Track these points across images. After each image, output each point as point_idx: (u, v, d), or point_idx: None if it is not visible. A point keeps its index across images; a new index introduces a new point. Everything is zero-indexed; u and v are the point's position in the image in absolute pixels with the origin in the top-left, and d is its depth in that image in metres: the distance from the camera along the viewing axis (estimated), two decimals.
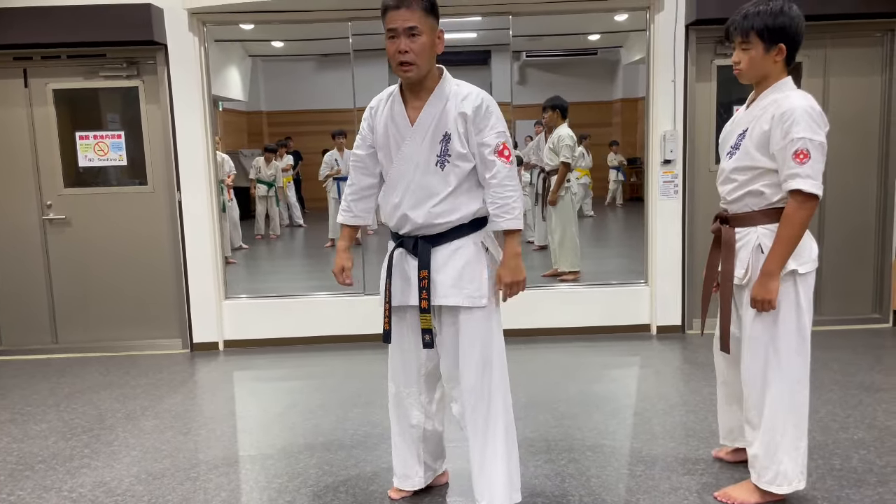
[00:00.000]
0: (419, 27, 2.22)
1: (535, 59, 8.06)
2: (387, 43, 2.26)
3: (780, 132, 2.28)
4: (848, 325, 5.03)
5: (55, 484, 2.98)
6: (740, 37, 2.38)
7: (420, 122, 2.31)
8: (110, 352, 5.01)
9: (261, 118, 9.43)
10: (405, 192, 2.35)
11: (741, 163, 2.42)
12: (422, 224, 2.35)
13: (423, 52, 2.24)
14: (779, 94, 2.36)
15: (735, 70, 2.45)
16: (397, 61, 2.25)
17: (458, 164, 2.31)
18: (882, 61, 4.86)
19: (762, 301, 2.36)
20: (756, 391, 2.48)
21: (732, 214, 2.51)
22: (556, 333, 5.00)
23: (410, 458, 2.66)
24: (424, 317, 2.36)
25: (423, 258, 2.35)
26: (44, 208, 4.94)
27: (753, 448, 2.52)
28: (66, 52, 4.76)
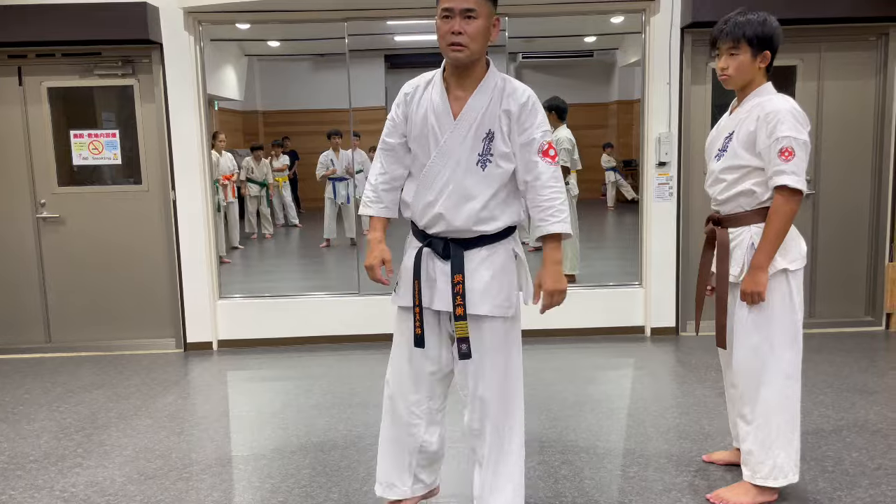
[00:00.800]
0: (476, 10, 2.12)
1: (531, 61, 8.06)
2: (439, 22, 2.15)
3: (765, 132, 2.38)
4: (841, 327, 5.05)
5: (47, 483, 2.97)
6: (730, 43, 2.44)
7: (464, 116, 2.19)
8: (104, 351, 4.99)
9: (257, 118, 9.42)
10: (442, 190, 2.21)
11: (730, 163, 2.49)
12: (459, 228, 2.22)
13: (478, 35, 2.13)
14: (761, 97, 2.47)
15: (722, 76, 2.51)
16: (448, 41, 2.13)
17: (500, 165, 2.20)
18: (876, 65, 4.88)
19: (752, 293, 2.42)
20: (750, 387, 2.52)
21: (725, 215, 2.57)
22: (550, 335, 5.00)
23: (399, 467, 2.48)
24: (461, 324, 2.22)
25: (457, 262, 2.22)
26: (38, 207, 4.92)
27: (747, 444, 2.54)
28: (60, 50, 4.75)
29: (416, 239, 2.35)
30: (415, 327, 2.30)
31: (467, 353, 2.24)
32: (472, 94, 2.20)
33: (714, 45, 2.53)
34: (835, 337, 4.86)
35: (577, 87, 8.23)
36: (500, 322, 2.31)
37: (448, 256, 2.25)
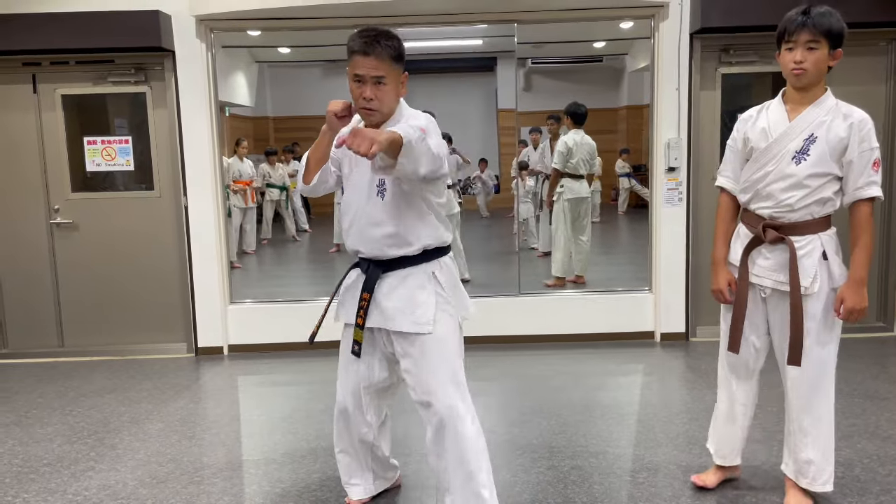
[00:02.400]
0: (386, 76, 2.23)
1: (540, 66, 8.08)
2: (352, 84, 2.26)
3: (857, 140, 2.34)
4: (852, 333, 5.01)
5: (60, 487, 3.00)
6: (810, 35, 2.33)
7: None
8: (116, 356, 5.03)
9: (267, 123, 9.48)
10: (354, 218, 2.39)
11: (818, 169, 2.38)
12: (372, 252, 2.38)
13: (387, 98, 2.26)
14: (833, 101, 2.41)
15: (796, 70, 2.36)
16: (361, 106, 2.27)
17: (396, 191, 2.30)
18: (887, 70, 4.87)
19: (860, 310, 2.40)
20: (807, 398, 2.52)
21: (791, 223, 2.45)
22: (560, 340, 5.00)
23: (356, 467, 2.68)
24: (357, 331, 2.45)
25: (369, 282, 2.40)
26: (51, 213, 4.98)
27: (806, 453, 2.54)
28: (74, 57, 4.80)
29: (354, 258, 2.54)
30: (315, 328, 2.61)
31: (357, 353, 2.47)
32: None
33: (784, 37, 2.39)
34: (845, 342, 4.74)
35: (587, 92, 8.23)
36: (428, 339, 2.35)
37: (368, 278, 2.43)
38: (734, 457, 2.78)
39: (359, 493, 2.71)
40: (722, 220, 2.67)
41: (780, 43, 2.42)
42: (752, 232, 2.53)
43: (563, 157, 5.85)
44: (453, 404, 2.33)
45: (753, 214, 2.53)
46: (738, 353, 2.62)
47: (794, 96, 2.45)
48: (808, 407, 2.53)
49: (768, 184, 2.45)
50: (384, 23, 4.81)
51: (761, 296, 2.56)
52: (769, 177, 2.45)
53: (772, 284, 2.50)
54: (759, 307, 2.58)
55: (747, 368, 2.67)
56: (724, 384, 2.75)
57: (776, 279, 2.49)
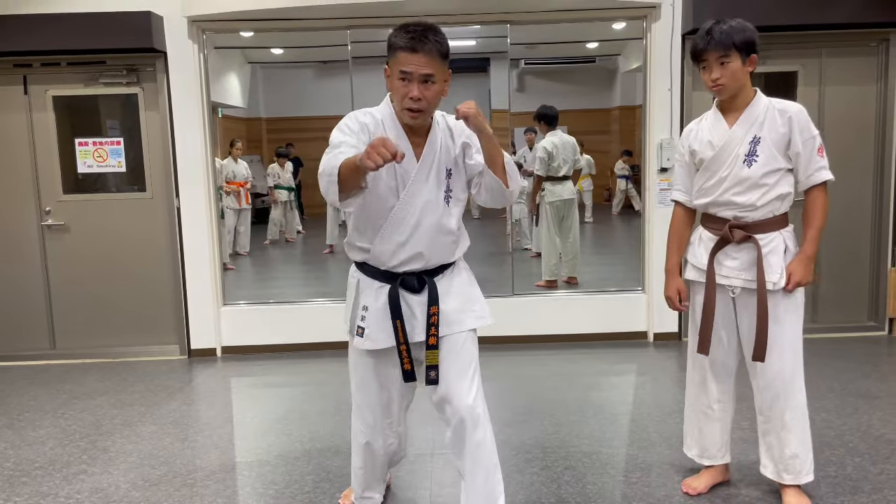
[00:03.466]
0: (434, 75, 2.12)
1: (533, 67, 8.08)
2: (396, 82, 2.14)
3: (798, 131, 2.45)
4: (844, 332, 5.04)
5: (52, 490, 2.99)
6: (720, 52, 2.43)
7: (425, 156, 2.23)
8: (108, 358, 5.01)
9: (260, 125, 9.46)
10: (415, 229, 2.23)
11: (770, 166, 2.48)
12: (435, 262, 2.29)
13: (435, 99, 2.17)
14: (766, 101, 2.51)
15: (715, 87, 2.48)
16: (406, 106, 2.14)
17: (460, 198, 2.31)
18: (877, 70, 4.89)
19: (804, 283, 2.50)
20: (788, 394, 2.55)
21: (754, 222, 2.52)
22: (553, 340, 5.01)
23: (375, 482, 2.62)
24: (432, 353, 2.26)
25: (433, 294, 2.27)
26: (42, 214, 4.96)
27: (791, 448, 2.57)
28: (65, 59, 4.79)
29: (376, 280, 2.32)
30: (402, 364, 2.29)
31: (435, 380, 2.28)
32: (424, 137, 2.24)
33: (698, 58, 2.49)
34: (838, 342, 4.86)
35: (580, 93, 8.25)
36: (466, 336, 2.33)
37: (422, 289, 2.29)
38: (722, 455, 2.79)
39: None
40: (675, 231, 2.76)
41: (696, 63, 2.53)
42: (717, 235, 2.58)
43: (544, 163, 5.86)
44: (475, 404, 2.29)
45: (716, 218, 2.59)
46: (710, 355, 2.66)
47: (728, 105, 2.56)
48: (787, 403, 2.56)
49: (725, 189, 2.53)
50: (376, 23, 4.82)
51: (730, 296, 2.60)
52: (725, 183, 2.53)
53: (741, 283, 2.56)
54: (729, 307, 2.62)
55: (725, 368, 2.70)
56: (700, 386, 2.75)
57: (745, 278, 2.54)
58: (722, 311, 2.63)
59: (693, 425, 2.81)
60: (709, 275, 2.60)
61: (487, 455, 2.30)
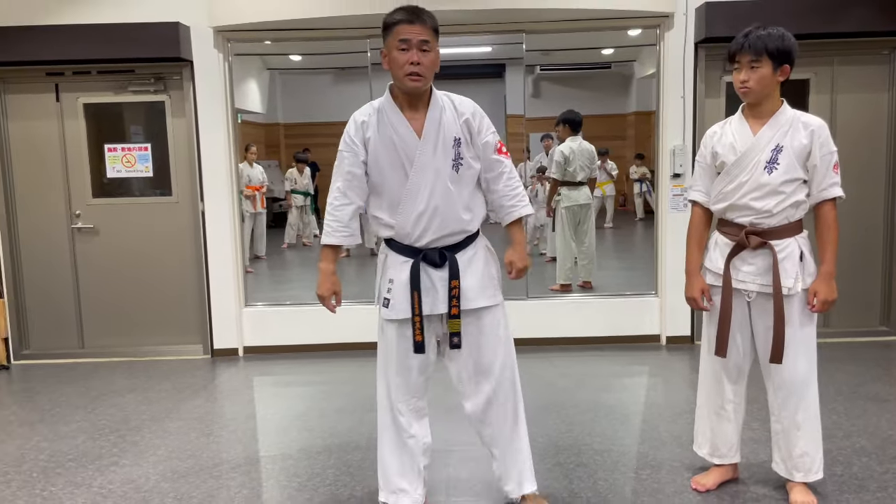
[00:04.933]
0: (430, 42, 2.36)
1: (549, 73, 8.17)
2: (396, 54, 2.35)
3: (818, 145, 2.53)
4: (856, 337, 5.09)
5: (85, 481, 3.13)
6: (752, 55, 2.51)
7: (427, 131, 2.40)
8: (134, 357, 5.17)
9: (278, 130, 9.63)
10: (429, 198, 2.40)
11: (790, 175, 2.54)
12: (451, 229, 2.45)
13: (432, 65, 2.38)
14: (791, 112, 2.58)
15: (742, 88, 2.56)
16: (407, 72, 2.34)
17: (472, 166, 2.47)
18: (888, 78, 4.95)
19: (831, 301, 2.59)
20: (801, 395, 2.64)
21: (769, 228, 2.59)
22: (567, 343, 5.10)
23: (411, 472, 2.60)
24: (454, 322, 2.47)
25: (454, 268, 2.45)
26: (73, 217, 5.13)
27: (800, 447, 2.66)
28: (96, 67, 4.96)
29: (401, 255, 2.50)
30: (414, 335, 2.46)
31: (458, 345, 2.50)
32: (424, 112, 2.43)
33: (732, 59, 2.58)
34: (849, 346, 4.91)
35: (596, 98, 8.32)
36: (495, 309, 2.56)
37: (443, 264, 2.46)
38: (732, 454, 2.86)
39: (407, 501, 2.60)
40: (694, 231, 2.81)
41: (731, 63, 2.61)
42: (733, 240, 2.65)
43: (560, 167, 5.95)
44: (510, 376, 2.59)
45: (732, 224, 2.66)
46: (726, 357, 2.73)
47: (754, 111, 2.62)
48: (799, 404, 2.64)
49: (744, 194, 2.59)
50: None
51: (746, 300, 2.68)
52: (744, 188, 2.59)
53: (757, 288, 2.63)
54: (744, 311, 2.70)
55: (738, 370, 2.77)
56: (714, 387, 2.83)
57: (761, 283, 2.61)
58: (737, 314, 2.69)
59: (705, 424, 2.89)
60: (725, 279, 2.66)
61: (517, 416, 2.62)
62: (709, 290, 2.75)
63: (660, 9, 4.76)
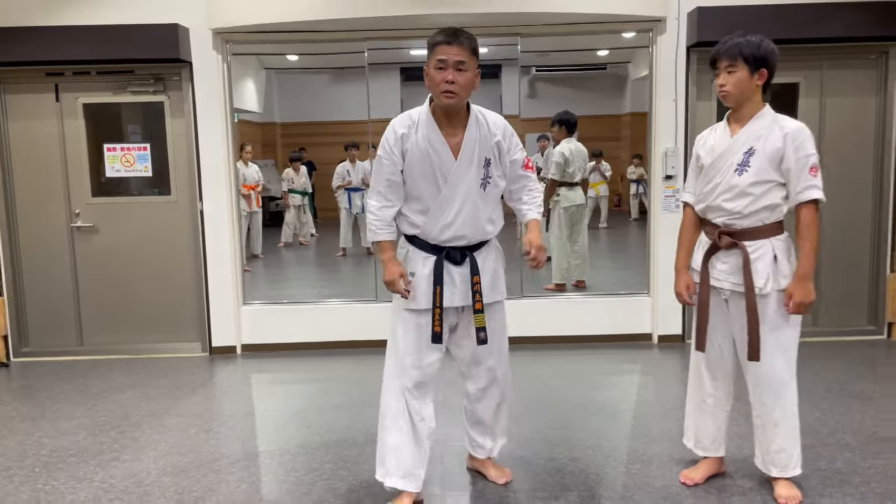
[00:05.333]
0: (467, 63, 2.52)
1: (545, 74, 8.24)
2: (434, 72, 2.53)
3: (792, 149, 2.57)
4: (844, 336, 5.18)
5: (87, 475, 3.19)
6: (728, 60, 2.62)
7: (464, 152, 2.59)
8: (133, 354, 5.22)
9: (275, 129, 9.68)
10: (458, 213, 2.62)
11: (759, 177, 2.61)
12: (474, 238, 2.68)
13: (467, 84, 2.54)
14: (773, 116, 2.65)
15: (721, 92, 2.67)
16: (443, 89, 2.51)
17: (498, 184, 2.69)
18: (877, 83, 5.04)
19: (807, 304, 2.62)
20: (778, 392, 2.71)
21: (743, 229, 2.67)
22: (560, 342, 5.18)
23: (418, 457, 2.71)
24: (479, 317, 2.68)
25: (475, 266, 2.68)
26: (72, 216, 5.18)
27: (777, 443, 2.75)
28: (95, 68, 5.01)
29: (424, 251, 2.70)
30: (433, 325, 2.66)
31: (485, 339, 2.71)
32: (462, 131, 2.61)
33: (714, 64, 2.69)
34: (837, 345, 5.00)
35: (591, 99, 8.39)
36: (501, 304, 2.84)
37: (463, 261, 2.69)
38: (716, 447, 2.95)
39: (413, 485, 2.72)
40: (684, 231, 2.91)
41: (713, 69, 2.72)
42: (711, 239, 2.76)
43: (560, 168, 6.02)
44: (507, 369, 2.91)
45: (710, 223, 2.76)
46: (706, 352, 2.83)
47: (735, 115, 2.71)
48: (776, 401, 2.72)
49: (718, 195, 2.69)
50: (392, 35, 5.02)
51: (723, 298, 2.77)
52: (717, 189, 2.69)
53: (730, 287, 2.72)
54: (723, 309, 2.79)
55: (719, 366, 2.86)
56: (697, 380, 2.94)
57: (733, 282, 2.70)
58: (716, 311, 2.79)
59: (690, 417, 2.99)
60: (702, 276, 2.77)
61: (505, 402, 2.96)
62: (693, 287, 2.85)
63: (652, 13, 4.83)
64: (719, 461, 2.99)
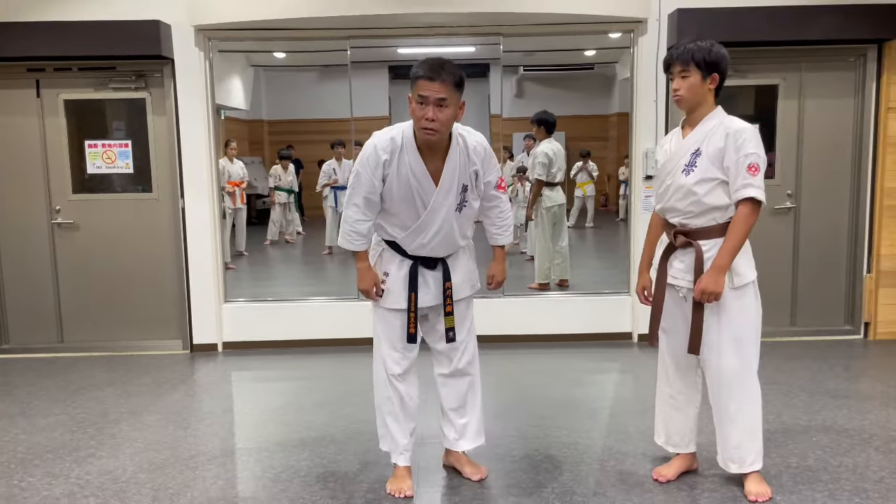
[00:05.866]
0: (448, 99, 2.52)
1: (532, 73, 8.27)
2: (415, 106, 2.55)
3: (733, 148, 2.61)
4: (821, 336, 5.24)
5: (63, 472, 3.18)
6: (681, 66, 2.67)
7: (444, 180, 2.67)
8: (114, 351, 5.21)
9: (262, 126, 9.67)
10: (435, 235, 2.73)
11: (702, 176, 2.66)
12: (447, 252, 2.83)
13: (447, 122, 2.56)
14: (721, 118, 2.70)
15: (675, 97, 2.73)
16: (422, 126, 2.54)
17: (472, 206, 2.81)
18: (855, 85, 5.09)
19: (711, 293, 2.64)
20: (733, 387, 2.75)
21: (696, 228, 2.73)
22: (541, 340, 5.21)
23: (410, 432, 2.93)
24: (449, 318, 2.83)
25: (447, 273, 2.82)
26: (53, 213, 5.16)
27: (735, 438, 2.78)
28: (77, 64, 4.99)
29: (399, 255, 2.82)
30: (408, 327, 2.79)
31: (453, 338, 2.88)
32: (443, 158, 2.67)
33: (668, 69, 2.75)
34: (814, 345, 5.06)
35: (579, 99, 8.43)
36: (469, 298, 2.98)
37: (436, 266, 2.83)
38: (686, 444, 2.99)
39: (405, 460, 2.93)
40: (650, 232, 3.00)
41: (667, 75, 2.78)
42: (668, 238, 2.83)
43: (545, 168, 6.05)
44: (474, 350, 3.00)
45: (669, 224, 2.83)
46: (668, 349, 2.90)
47: (690, 119, 2.77)
48: (731, 396, 2.75)
49: (670, 196, 2.76)
50: (375, 34, 5.03)
51: (681, 295, 2.81)
52: (669, 190, 2.76)
53: (686, 284, 2.77)
54: (680, 306, 2.83)
55: (683, 363, 2.89)
56: (664, 378, 2.99)
57: (689, 280, 2.75)
58: (674, 309, 2.85)
59: (660, 414, 3.04)
60: (658, 275, 2.85)
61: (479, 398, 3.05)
62: (650, 287, 2.92)
63: (633, 14, 4.87)
64: (691, 457, 3.03)
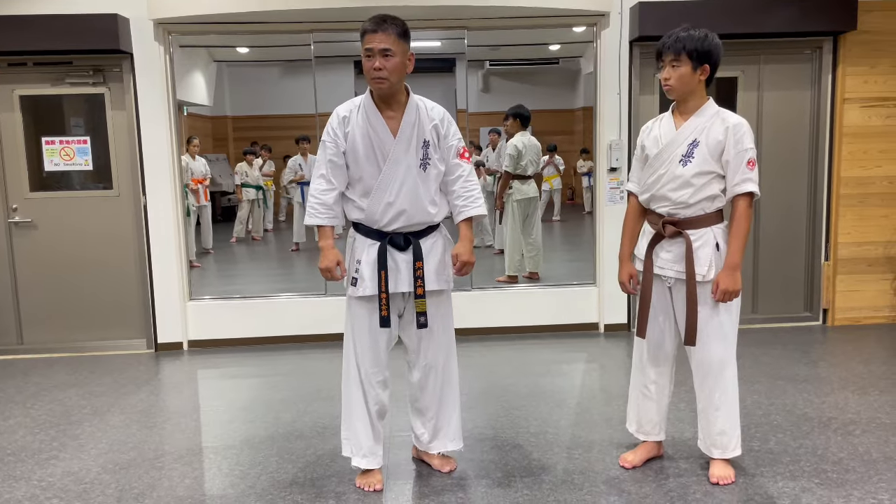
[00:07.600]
0: (392, 49, 2.59)
1: (498, 68, 8.30)
2: (364, 60, 2.62)
3: (733, 142, 2.65)
4: (781, 322, 5.37)
5: (24, 474, 3.12)
6: (672, 55, 2.68)
7: (402, 131, 2.68)
8: (76, 352, 5.11)
9: (226, 123, 9.55)
10: (399, 191, 2.69)
11: (702, 168, 2.69)
12: (417, 220, 2.74)
13: (395, 69, 2.61)
14: (715, 109, 2.73)
15: (665, 86, 2.74)
16: (372, 76, 2.61)
17: (437, 166, 2.76)
18: (812, 76, 5.21)
19: (733, 292, 2.69)
20: (715, 375, 2.79)
21: (685, 218, 2.75)
22: (508, 332, 5.24)
23: (376, 437, 2.89)
24: (420, 301, 2.75)
25: (418, 251, 2.75)
26: (9, 212, 5.03)
27: (718, 426, 2.83)
28: (32, 59, 4.87)
29: (369, 238, 2.77)
30: (381, 310, 2.74)
31: (425, 324, 2.78)
32: (401, 114, 2.70)
33: (659, 57, 2.75)
34: (775, 331, 5.18)
35: (545, 93, 8.49)
36: (446, 294, 2.90)
37: (407, 247, 2.75)
38: (657, 432, 3.03)
39: (374, 462, 2.90)
40: (629, 220, 2.98)
41: (658, 63, 2.77)
42: (654, 229, 2.83)
43: (513, 160, 6.08)
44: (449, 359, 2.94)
45: (654, 213, 2.83)
46: (647, 339, 2.90)
47: (680, 108, 2.77)
48: (716, 384, 2.80)
49: (662, 185, 2.76)
50: (338, 27, 5.00)
51: (667, 285, 2.84)
52: (662, 179, 2.76)
53: (674, 274, 2.79)
54: (666, 296, 2.86)
55: (661, 353, 2.93)
56: (639, 367, 3.01)
57: (677, 269, 2.77)
58: (659, 299, 2.87)
59: (633, 403, 3.07)
60: (646, 265, 2.85)
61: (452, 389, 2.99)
62: (637, 276, 2.93)
63: (596, 8, 4.91)
64: (658, 445, 3.08)
